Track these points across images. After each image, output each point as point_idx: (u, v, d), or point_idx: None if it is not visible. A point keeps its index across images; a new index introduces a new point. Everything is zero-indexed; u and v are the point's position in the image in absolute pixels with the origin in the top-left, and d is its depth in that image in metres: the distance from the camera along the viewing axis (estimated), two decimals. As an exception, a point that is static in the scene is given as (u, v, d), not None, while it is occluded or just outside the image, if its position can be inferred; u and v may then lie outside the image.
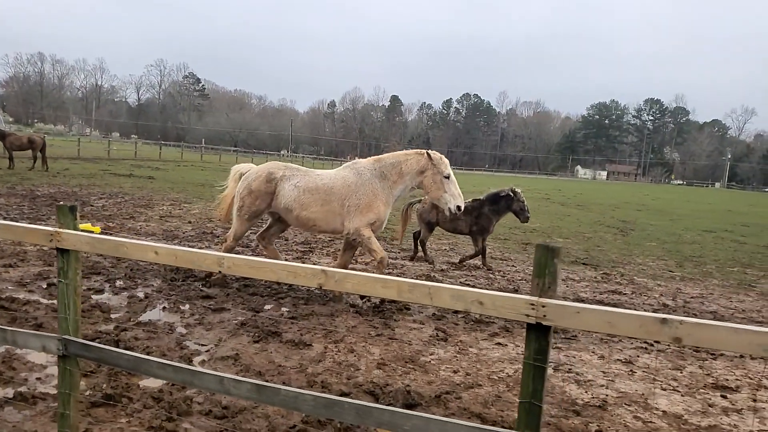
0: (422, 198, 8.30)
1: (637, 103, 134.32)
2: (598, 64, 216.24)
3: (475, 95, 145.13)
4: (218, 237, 9.17)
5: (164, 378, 2.44)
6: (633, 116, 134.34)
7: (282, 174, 5.98)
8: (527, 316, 1.81)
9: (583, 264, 9.29)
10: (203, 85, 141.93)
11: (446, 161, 5.79)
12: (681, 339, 1.67)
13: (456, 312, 5.76)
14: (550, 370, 4.26)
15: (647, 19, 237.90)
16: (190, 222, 10.55)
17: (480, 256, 8.25)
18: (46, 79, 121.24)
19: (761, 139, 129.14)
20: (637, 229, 15.77)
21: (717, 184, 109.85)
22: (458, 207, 5.73)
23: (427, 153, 5.76)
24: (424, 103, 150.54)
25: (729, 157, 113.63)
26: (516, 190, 8.12)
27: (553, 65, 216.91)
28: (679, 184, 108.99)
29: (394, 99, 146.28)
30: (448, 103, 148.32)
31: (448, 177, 5.70)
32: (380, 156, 6.01)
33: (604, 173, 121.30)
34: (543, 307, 1.78)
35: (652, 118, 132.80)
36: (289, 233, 10.07)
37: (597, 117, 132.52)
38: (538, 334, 1.83)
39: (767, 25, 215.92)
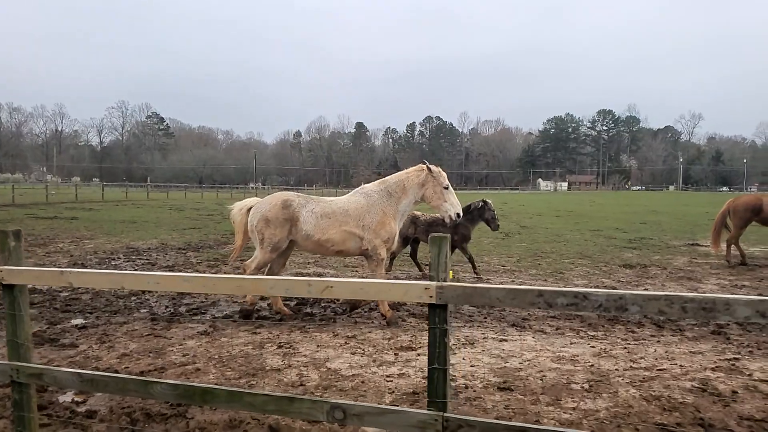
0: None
1: (591, 115, 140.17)
2: (553, 78, 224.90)
3: (437, 117, 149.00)
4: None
5: None
6: (588, 127, 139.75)
7: (298, 201, 6.23)
8: (-4, 279, 2.64)
9: (427, 265, 10.23)
10: (167, 124, 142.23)
11: (444, 174, 6.31)
12: (72, 283, 2.53)
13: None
14: (274, 347, 5.13)
15: (597, 33, 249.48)
16: (71, 255, 11.17)
17: (471, 264, 9.04)
18: (4, 127, 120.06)
19: (714, 142, 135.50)
20: (527, 233, 16.94)
21: (671, 187, 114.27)
22: (458, 214, 6.27)
23: (427, 166, 6.28)
24: (389, 127, 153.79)
25: (681, 160, 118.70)
26: (487, 200, 9.05)
27: (511, 83, 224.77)
28: (638, 190, 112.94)
29: (359, 125, 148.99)
30: (411, 127, 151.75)
31: (447, 188, 6.24)
32: (384, 178, 6.58)
33: (565, 184, 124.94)
34: (1, 272, 2.62)
35: (606, 128, 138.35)
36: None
37: (553, 131, 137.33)
38: (9, 293, 2.66)
39: (709, 32, 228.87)
